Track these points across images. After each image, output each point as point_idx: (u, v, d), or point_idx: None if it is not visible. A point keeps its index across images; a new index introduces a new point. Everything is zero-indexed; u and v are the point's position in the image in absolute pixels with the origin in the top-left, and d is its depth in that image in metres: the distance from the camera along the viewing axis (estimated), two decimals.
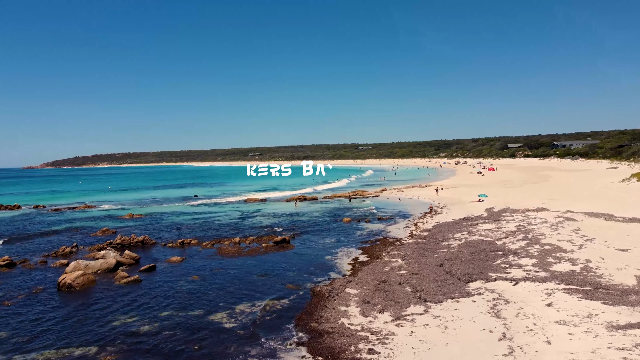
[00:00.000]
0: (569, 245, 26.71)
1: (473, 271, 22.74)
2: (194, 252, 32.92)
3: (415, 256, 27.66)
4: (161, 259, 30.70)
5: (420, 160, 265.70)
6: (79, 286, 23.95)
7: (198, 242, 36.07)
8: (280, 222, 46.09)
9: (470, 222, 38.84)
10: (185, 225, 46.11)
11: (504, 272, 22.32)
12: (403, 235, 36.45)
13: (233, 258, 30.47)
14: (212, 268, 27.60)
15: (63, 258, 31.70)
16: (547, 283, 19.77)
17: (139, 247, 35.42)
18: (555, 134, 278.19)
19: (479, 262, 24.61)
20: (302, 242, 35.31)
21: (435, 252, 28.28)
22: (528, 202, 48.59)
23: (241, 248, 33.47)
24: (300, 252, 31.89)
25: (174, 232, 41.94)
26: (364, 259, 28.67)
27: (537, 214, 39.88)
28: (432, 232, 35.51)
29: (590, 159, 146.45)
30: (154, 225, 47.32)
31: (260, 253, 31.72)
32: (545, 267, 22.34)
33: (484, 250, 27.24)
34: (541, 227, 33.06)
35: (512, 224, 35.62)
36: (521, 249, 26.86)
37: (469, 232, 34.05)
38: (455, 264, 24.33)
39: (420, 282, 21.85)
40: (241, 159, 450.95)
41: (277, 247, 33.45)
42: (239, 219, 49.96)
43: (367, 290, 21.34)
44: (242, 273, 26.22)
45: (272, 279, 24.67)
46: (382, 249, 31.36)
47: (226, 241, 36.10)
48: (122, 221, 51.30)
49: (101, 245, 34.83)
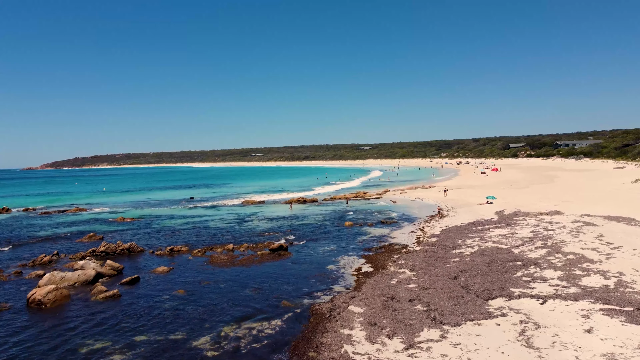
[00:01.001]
0: (594, 254, 24.14)
1: (492, 286, 20.18)
2: (183, 261, 30.36)
3: (424, 266, 25.10)
4: (146, 269, 28.15)
5: (422, 161, 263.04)
6: (50, 303, 21.41)
7: (188, 249, 33.53)
8: (278, 227, 43.54)
9: (481, 226, 36.27)
10: (178, 230, 43.56)
11: (527, 286, 19.76)
12: (409, 241, 33.88)
13: (225, 268, 27.90)
14: (201, 280, 25.03)
15: (41, 268, 29.17)
16: (580, 302, 17.21)
17: (125, 255, 32.89)
18: (557, 134, 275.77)
19: (497, 274, 22.05)
20: (301, 249, 32.76)
21: (446, 262, 25.72)
22: (539, 204, 46.03)
23: (234, 256, 30.91)
24: (298, 260, 29.34)
25: (165, 238, 39.39)
26: (369, 269, 26.11)
27: (552, 217, 37.31)
28: (441, 238, 32.95)
29: (595, 158, 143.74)
30: (144, 229, 44.78)
31: (254, 262, 29.16)
32: (574, 282, 19.78)
33: (500, 260, 24.68)
34: (559, 232, 30.49)
35: (527, 229, 33.05)
36: (542, 258, 24.30)
37: (480, 238, 31.49)
38: (471, 277, 21.78)
39: (433, 298, 19.29)
40: (241, 159, 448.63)
41: (274, 255, 30.90)
42: (234, 223, 47.41)
43: (373, 308, 18.78)
44: (233, 286, 23.65)
45: (266, 294, 22.11)
46: (388, 257, 28.79)
47: (219, 248, 33.56)
48: (112, 225, 48.77)
49: (83, 254, 32.30)
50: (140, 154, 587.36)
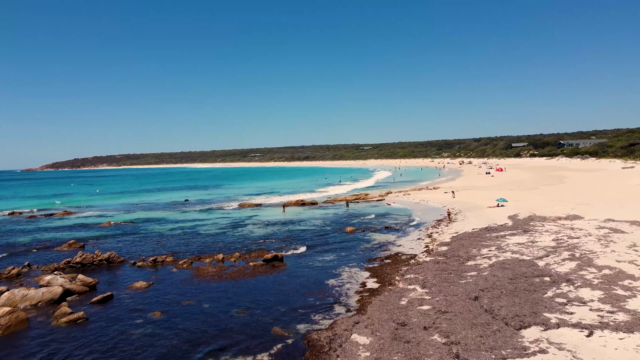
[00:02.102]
0: (634, 268, 21.02)
1: (522, 309, 17.03)
2: (166, 273, 27.24)
3: (437, 282, 21.96)
4: (123, 285, 25.02)
5: (423, 161, 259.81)
6: (3, 329, 18.30)
7: (174, 259, 30.40)
8: (274, 233, 40.39)
9: (495, 233, 33.13)
10: (166, 237, 40.44)
11: (564, 311, 16.63)
12: (417, 250, 30.75)
13: (212, 282, 24.77)
14: (182, 299, 21.88)
15: (6, 282, 26.06)
16: (636, 334, 14.09)
17: (104, 266, 29.78)
18: (558, 133, 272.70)
19: (524, 293, 18.91)
20: (298, 260, 29.64)
21: (462, 276, 22.58)
22: (555, 207, 42.88)
23: (224, 268, 27.78)
24: (294, 273, 26.20)
25: (151, 246, 36.28)
26: (374, 285, 22.98)
27: (572, 223, 34.18)
28: (452, 247, 29.80)
29: (601, 158, 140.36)
30: (131, 236, 41.66)
31: (245, 275, 26.02)
32: (619, 305, 16.66)
33: (525, 275, 21.54)
34: (586, 241, 27.36)
35: (548, 236, 29.90)
36: (573, 273, 21.18)
37: (497, 247, 28.34)
38: (495, 298, 18.63)
39: (453, 326, 16.15)
40: (241, 160, 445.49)
41: (267, 267, 27.78)
42: (227, 228, 44.27)
43: (381, 339, 15.64)
44: (217, 307, 20.52)
45: (255, 318, 18.98)
46: (395, 269, 25.65)
47: (207, 258, 30.43)
48: (97, 230, 45.66)
49: (57, 265, 29.19)
50: (140, 155, 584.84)
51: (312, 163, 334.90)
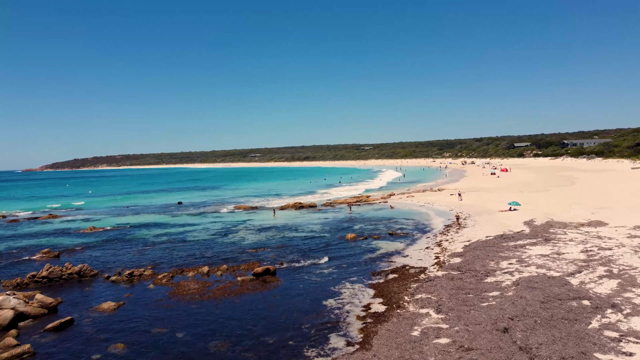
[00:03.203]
0: None
1: (566, 348, 13.67)
2: (142, 290, 23.92)
3: (455, 305, 18.61)
4: (89, 305, 21.71)
5: (424, 161, 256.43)
6: None
7: (153, 273, 27.08)
8: (268, 240, 37.06)
9: (512, 242, 29.78)
10: (151, 244, 37.15)
11: (619, 350, 13.30)
12: (427, 261, 27.40)
13: (191, 303, 21.44)
14: (153, 326, 18.54)
15: None
16: None
17: (74, 280, 26.49)
18: (559, 133, 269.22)
19: (563, 323, 15.56)
20: (292, 274, 26.30)
21: (482, 297, 19.24)
22: (572, 212, 39.51)
23: (208, 284, 24.45)
24: (287, 291, 22.88)
25: (132, 255, 32.99)
26: (379, 307, 19.65)
27: (597, 230, 30.83)
28: (466, 258, 26.43)
29: (607, 158, 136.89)
30: (112, 243, 38.37)
31: (231, 294, 22.69)
32: None
33: (558, 297, 18.19)
34: (620, 253, 24.00)
35: (574, 247, 26.55)
36: (616, 295, 17.82)
37: (518, 259, 24.98)
38: (529, 330, 15.27)
39: None
40: (241, 160, 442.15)
41: (258, 282, 24.47)
42: (218, 234, 40.94)
43: None
44: (193, 337, 17.18)
45: (235, 354, 15.64)
46: (403, 286, 22.33)
47: (191, 271, 27.10)
48: (78, 237, 42.36)
49: (21, 280, 25.87)
50: (140, 155, 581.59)
51: (313, 163, 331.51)
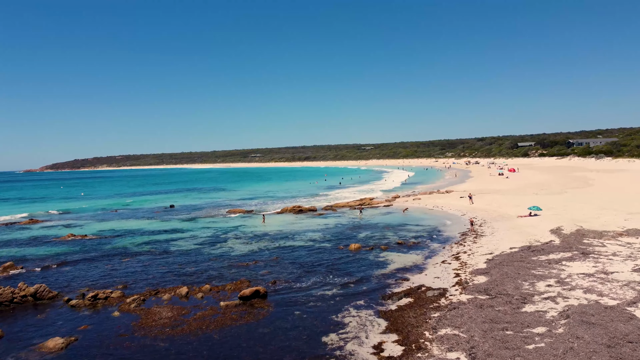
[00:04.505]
0: None
1: None
2: (103, 319, 19.75)
3: (493, 349, 14.40)
4: (33, 341, 17.52)
5: (427, 161, 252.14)
6: None
7: (122, 295, 22.86)
8: (260, 251, 32.87)
9: (543, 255, 25.56)
10: (129, 255, 33.02)
11: None
12: (445, 280, 23.19)
13: (159, 339, 17.24)
14: None
15: None
16: None
17: (28, 303, 22.35)
18: (562, 132, 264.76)
19: None
20: (286, 296, 22.12)
21: (525, 335, 15.03)
22: (602, 218, 35.30)
23: (184, 310, 20.27)
24: (279, 322, 18.67)
25: (102, 271, 28.82)
26: (394, 350, 15.44)
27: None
28: (493, 277, 22.19)
29: (617, 157, 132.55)
30: (87, 254, 34.20)
31: (211, 326, 18.48)
32: None
33: (628, 339, 13.99)
34: None
35: (622, 263, 22.34)
36: None
37: (557, 279, 20.78)
38: None
39: None
40: (241, 160, 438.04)
41: (245, 308, 20.31)
42: (206, 243, 36.77)
43: None
44: None
45: None
46: (421, 317, 18.12)
47: (167, 293, 22.92)
48: (52, 246, 38.21)
49: None
50: (140, 156, 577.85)
51: (313, 163, 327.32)
